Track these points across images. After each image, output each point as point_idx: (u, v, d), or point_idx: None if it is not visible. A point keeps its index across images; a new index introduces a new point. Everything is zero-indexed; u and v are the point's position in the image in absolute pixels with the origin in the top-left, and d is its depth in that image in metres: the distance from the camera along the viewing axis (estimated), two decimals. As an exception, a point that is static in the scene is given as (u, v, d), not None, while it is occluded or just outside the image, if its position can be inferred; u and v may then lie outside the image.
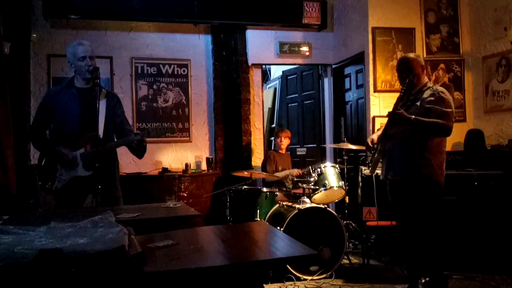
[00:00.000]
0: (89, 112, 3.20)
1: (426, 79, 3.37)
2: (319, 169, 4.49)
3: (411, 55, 3.46)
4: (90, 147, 3.19)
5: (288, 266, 3.85)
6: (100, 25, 5.45)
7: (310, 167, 4.64)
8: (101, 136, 3.26)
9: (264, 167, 5.26)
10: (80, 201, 3.29)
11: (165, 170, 5.36)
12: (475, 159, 4.43)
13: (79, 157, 3.22)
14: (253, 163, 5.83)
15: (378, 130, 4.49)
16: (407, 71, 3.27)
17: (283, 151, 5.37)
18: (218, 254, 1.79)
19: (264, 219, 4.28)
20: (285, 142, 5.36)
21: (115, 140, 3.42)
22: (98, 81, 3.18)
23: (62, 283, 1.21)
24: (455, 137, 4.73)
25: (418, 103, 3.19)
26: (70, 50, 3.33)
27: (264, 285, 2.56)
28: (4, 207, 3.80)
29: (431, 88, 3.24)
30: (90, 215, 1.94)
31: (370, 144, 3.43)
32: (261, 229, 2.35)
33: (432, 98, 3.15)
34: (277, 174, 5.05)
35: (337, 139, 6.07)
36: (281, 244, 1.92)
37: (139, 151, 3.43)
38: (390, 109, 3.27)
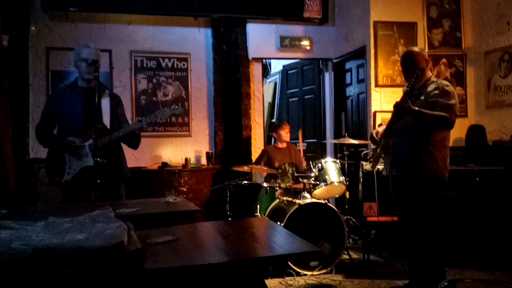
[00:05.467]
0: (92, 110, 3.23)
1: (429, 73, 3.33)
2: (319, 164, 4.46)
3: (416, 49, 3.43)
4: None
5: (288, 261, 3.83)
6: (99, 18, 5.40)
7: (310, 162, 4.61)
8: (108, 127, 3.33)
9: (257, 163, 5.23)
10: (86, 195, 3.30)
11: (164, 164, 5.34)
12: (476, 155, 4.40)
13: (88, 147, 3.24)
14: (253, 158, 5.79)
15: (380, 125, 4.47)
16: (411, 66, 3.23)
17: (284, 145, 5.32)
18: (219, 250, 1.76)
19: (264, 214, 4.26)
20: (288, 134, 5.33)
21: None
22: (97, 74, 3.19)
23: (58, 284, 1.18)
24: (457, 133, 4.69)
25: (422, 97, 3.16)
26: (76, 50, 3.40)
27: (264, 280, 2.54)
28: (3, 201, 3.78)
29: (435, 82, 3.21)
30: (90, 210, 1.91)
31: (375, 136, 3.40)
32: (262, 224, 2.32)
33: (436, 92, 3.12)
34: (262, 168, 4.99)
35: (337, 134, 6.04)
36: (283, 240, 1.89)
37: (134, 141, 3.47)
38: (392, 104, 3.23)
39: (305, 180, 4.41)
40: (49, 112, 3.44)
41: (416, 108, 3.05)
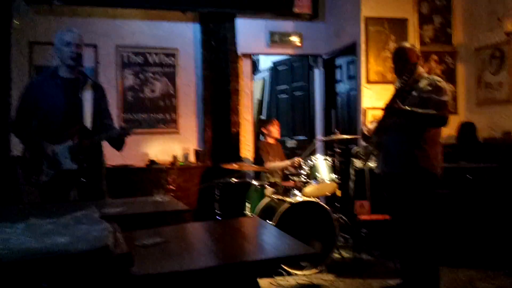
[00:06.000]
0: (74, 104, 3.06)
1: (421, 69, 3.29)
2: (310, 162, 4.39)
3: (407, 44, 3.38)
4: (78, 139, 3.04)
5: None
6: (85, 12, 5.26)
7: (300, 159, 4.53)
8: (89, 128, 3.14)
9: (259, 159, 5.13)
10: (66, 194, 3.16)
11: (152, 162, 5.23)
12: (467, 152, 4.38)
13: (67, 150, 3.09)
14: (242, 155, 5.71)
15: (371, 122, 4.41)
16: (403, 62, 3.19)
17: (273, 141, 5.25)
18: (210, 253, 1.67)
19: (254, 213, 4.18)
20: (278, 131, 5.26)
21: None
22: (82, 69, 3.05)
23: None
24: (447, 130, 4.64)
25: (414, 93, 3.11)
26: (58, 35, 3.20)
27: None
28: (-17, 201, 3.65)
29: (427, 78, 3.16)
30: (73, 210, 1.81)
31: (366, 133, 3.34)
32: (254, 225, 2.24)
33: (429, 88, 3.07)
34: (278, 164, 4.88)
35: (327, 131, 5.98)
36: (277, 242, 1.81)
37: (117, 144, 3.33)
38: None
39: (295, 178, 4.34)
40: (25, 105, 3.21)
41: (408, 107, 2.99)
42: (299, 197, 4.07)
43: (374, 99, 5.02)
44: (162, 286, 1.35)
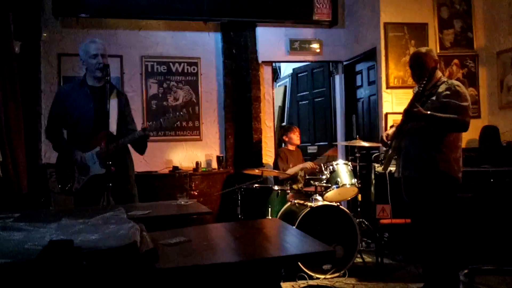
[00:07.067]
0: (102, 111, 3.19)
1: (439, 73, 3.29)
2: (331, 167, 4.43)
3: (423, 49, 3.38)
4: (105, 144, 3.17)
5: (300, 264, 3.80)
6: (110, 24, 5.44)
7: (322, 163, 4.57)
8: (114, 134, 3.26)
9: (276, 165, 5.20)
10: (98, 199, 3.28)
11: (175, 168, 5.34)
12: (490, 156, 4.34)
13: (96, 155, 3.22)
14: (263, 161, 5.78)
15: (391, 127, 4.43)
16: (420, 67, 3.20)
17: (294, 148, 5.31)
18: (232, 250, 1.74)
19: (276, 217, 4.23)
20: (299, 138, 5.32)
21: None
22: (109, 78, 3.17)
23: (73, 276, 1.17)
24: (470, 134, 4.63)
25: (434, 98, 3.12)
26: (83, 48, 3.35)
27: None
28: (15, 206, 3.80)
29: (446, 82, 3.16)
30: (102, 213, 1.91)
31: (385, 139, 3.36)
32: (275, 225, 2.30)
33: (448, 92, 3.08)
34: (290, 170, 4.96)
35: (348, 136, 6.00)
36: (296, 241, 1.87)
37: (140, 147, 3.44)
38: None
39: (316, 183, 4.38)
40: (55, 112, 3.38)
41: (428, 112, 3.01)
42: (320, 202, 4.10)
43: (394, 104, 5.03)
44: (185, 280, 1.42)
